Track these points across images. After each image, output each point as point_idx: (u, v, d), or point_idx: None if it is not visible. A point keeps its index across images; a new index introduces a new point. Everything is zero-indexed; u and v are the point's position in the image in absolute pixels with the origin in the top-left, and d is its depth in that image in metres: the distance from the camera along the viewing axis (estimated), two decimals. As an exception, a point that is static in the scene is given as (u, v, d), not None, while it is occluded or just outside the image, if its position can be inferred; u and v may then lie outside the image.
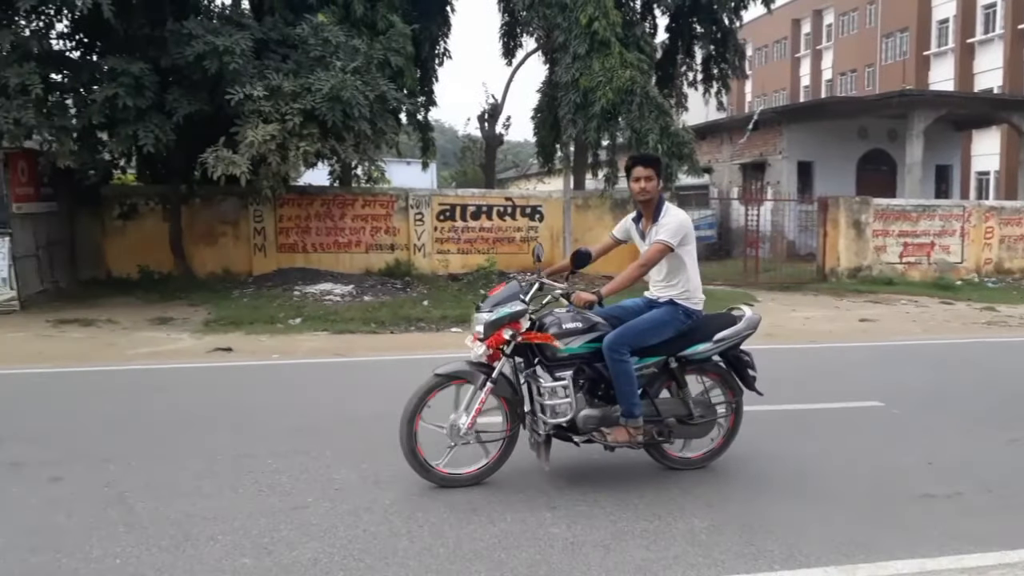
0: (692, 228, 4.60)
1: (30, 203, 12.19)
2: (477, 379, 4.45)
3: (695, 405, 4.68)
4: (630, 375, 4.38)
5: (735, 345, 4.70)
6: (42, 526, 3.92)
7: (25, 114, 10.22)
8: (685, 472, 4.78)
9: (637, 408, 4.44)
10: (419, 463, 4.43)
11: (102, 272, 14.45)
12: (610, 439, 4.50)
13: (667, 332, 4.54)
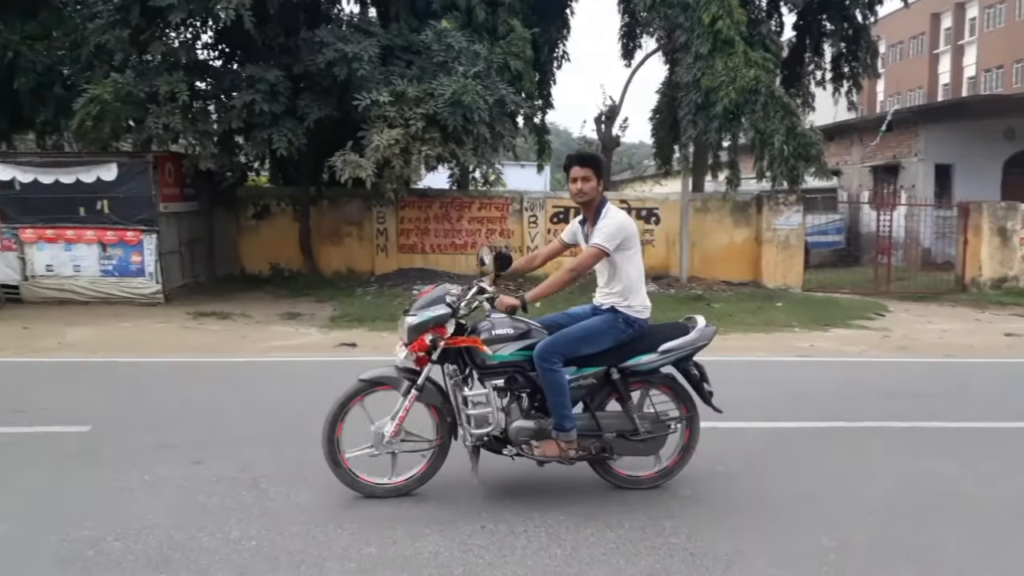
0: (634, 231, 4.33)
1: (175, 203, 13.09)
2: (401, 385, 4.31)
3: (641, 420, 4.39)
4: (561, 385, 4.15)
5: (685, 357, 4.37)
6: (184, 505, 4.20)
7: (173, 120, 11.01)
8: (820, 488, 4.58)
9: (568, 421, 4.20)
10: (342, 470, 4.29)
11: (237, 268, 15.35)
12: (537, 452, 4.28)
13: (604, 341, 4.26)
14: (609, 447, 4.36)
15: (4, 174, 11.84)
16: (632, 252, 4.32)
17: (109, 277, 12.28)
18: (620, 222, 4.27)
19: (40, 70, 12.99)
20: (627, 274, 4.30)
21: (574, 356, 4.22)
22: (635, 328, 4.31)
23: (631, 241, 4.29)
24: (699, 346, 4.36)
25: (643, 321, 4.34)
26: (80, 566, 3.50)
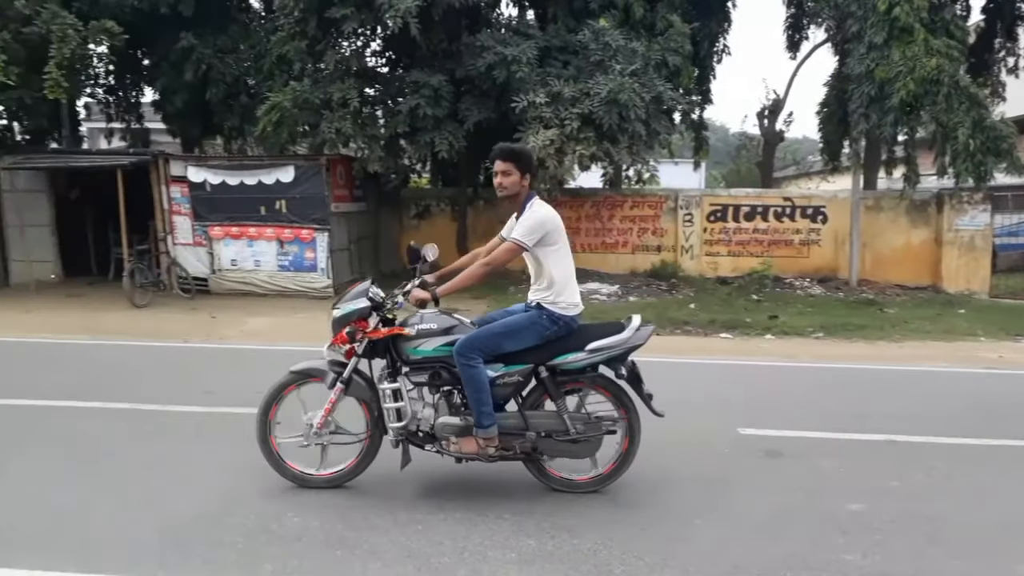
0: (557, 226, 4.17)
1: (345, 203, 13.88)
2: (328, 378, 4.31)
3: (573, 421, 4.23)
4: (479, 382, 4.04)
5: (616, 358, 4.16)
6: (359, 487, 4.43)
7: (344, 124, 11.70)
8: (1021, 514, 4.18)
9: (487, 418, 4.10)
10: (274, 458, 4.38)
11: (399, 265, 16.04)
12: (454, 448, 4.20)
13: (528, 338, 4.15)
14: (538, 447, 4.24)
15: (197, 176, 13.02)
16: (557, 248, 4.20)
17: (285, 272, 13.20)
18: (541, 217, 4.15)
19: (229, 81, 14.20)
20: (553, 270, 4.19)
21: (496, 353, 4.14)
22: (560, 325, 4.19)
23: (554, 236, 4.17)
24: (631, 346, 4.17)
25: (570, 318, 4.21)
26: (265, 538, 3.79)
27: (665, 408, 4.32)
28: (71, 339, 9.21)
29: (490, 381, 4.13)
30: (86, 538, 3.78)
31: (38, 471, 4.69)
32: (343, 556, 3.60)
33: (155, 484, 4.47)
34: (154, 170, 13.16)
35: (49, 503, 4.20)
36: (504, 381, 4.20)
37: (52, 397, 6.35)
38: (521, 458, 4.33)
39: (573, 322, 4.24)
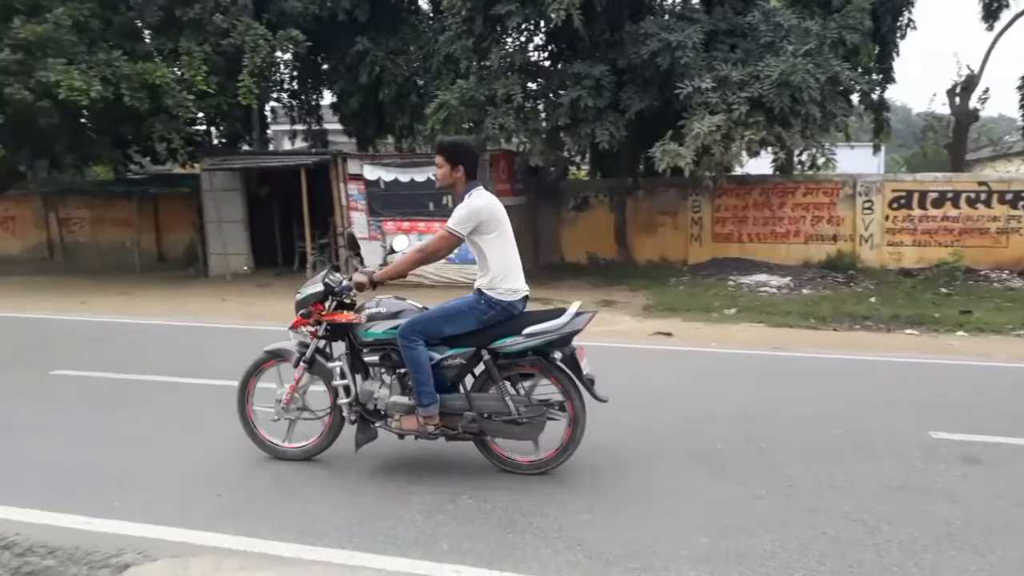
0: (494, 215, 4.31)
1: (506, 197, 14.14)
2: (292, 357, 4.68)
3: (515, 404, 4.36)
4: (419, 363, 4.26)
5: (555, 343, 4.28)
6: (524, 475, 4.51)
7: (507, 120, 11.93)
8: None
9: (427, 397, 4.30)
10: (251, 431, 4.82)
11: (557, 257, 16.19)
12: (395, 425, 4.46)
13: (467, 322, 4.34)
14: (483, 428, 4.39)
15: (372, 174, 13.75)
16: (494, 236, 4.33)
17: (451, 264, 13.62)
18: (473, 207, 4.29)
19: (400, 81, 14.89)
20: (491, 258, 4.34)
21: (438, 336, 4.34)
22: (497, 310, 4.32)
23: (489, 225, 4.30)
24: (567, 332, 4.27)
25: (507, 304, 4.32)
26: (441, 517, 3.95)
27: (849, 407, 4.09)
28: (260, 325, 10.01)
29: (435, 363, 4.35)
30: (282, 510, 4.11)
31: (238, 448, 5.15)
32: (514, 540, 3.69)
33: (338, 462, 4.78)
34: (333, 169, 14.04)
35: (250, 473, 4.61)
36: (448, 363, 4.40)
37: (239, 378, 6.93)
38: (466, 438, 4.49)
39: (512, 307, 4.36)
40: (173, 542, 3.70)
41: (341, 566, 3.46)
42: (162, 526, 3.86)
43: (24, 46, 11.95)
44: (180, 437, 5.35)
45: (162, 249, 18.46)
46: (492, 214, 4.35)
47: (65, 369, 7.23)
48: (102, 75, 12.13)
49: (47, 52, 12.00)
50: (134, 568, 3.45)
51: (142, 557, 3.54)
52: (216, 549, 3.63)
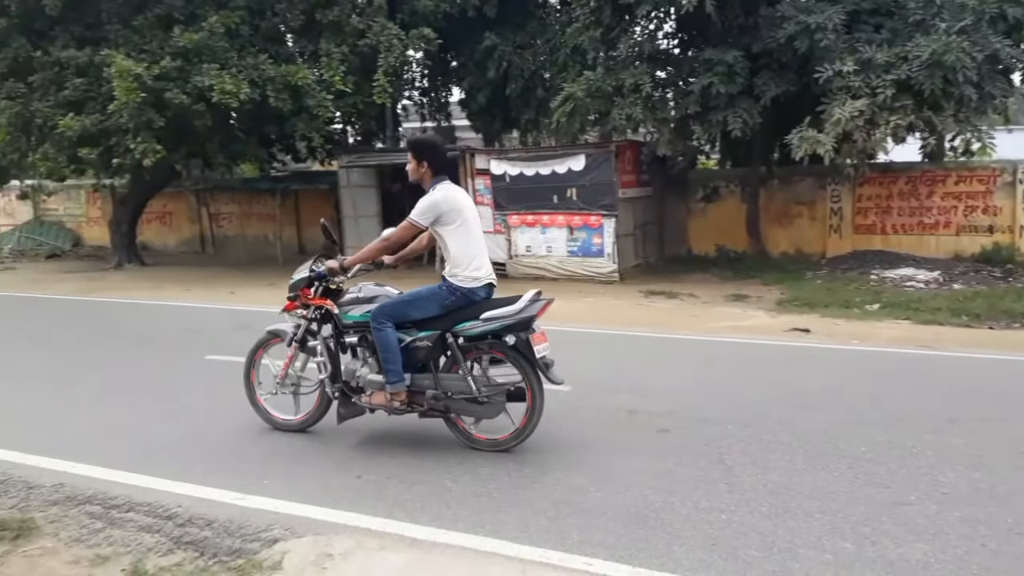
0: (454, 207, 4.60)
1: (631, 188, 13.98)
2: (287, 337, 5.14)
3: (477, 384, 4.64)
4: (387, 343, 4.63)
5: (512, 327, 4.55)
6: (655, 470, 4.46)
7: (635, 110, 11.76)
8: None
9: (394, 375, 4.66)
10: (256, 407, 5.34)
11: (684, 249, 15.83)
12: (364, 400, 4.87)
13: (430, 307, 4.68)
14: (446, 405, 4.73)
15: (498, 169, 13.93)
16: (454, 227, 4.63)
17: (574, 257, 13.65)
18: (433, 200, 4.60)
19: (526, 76, 14.99)
20: (451, 247, 4.65)
21: (405, 319, 4.72)
22: (458, 296, 4.64)
23: (449, 217, 4.59)
24: (523, 317, 4.53)
25: (467, 290, 4.64)
26: (571, 509, 3.96)
27: (1012, 412, 3.77)
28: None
29: (405, 345, 4.73)
30: (418, 493, 4.24)
31: (373, 431, 5.36)
32: (646, 536, 3.64)
33: (469, 450, 4.87)
34: (462, 164, 14.32)
35: (387, 457, 4.79)
36: (416, 345, 4.76)
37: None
38: (433, 415, 4.84)
39: (472, 294, 4.67)
40: (316, 520, 3.90)
41: (474, 551, 3.54)
42: (306, 504, 4.08)
43: (183, 53, 12.89)
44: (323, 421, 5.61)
45: (302, 242, 19.44)
46: (452, 206, 4.64)
47: (218, 354, 7.76)
48: (250, 78, 12.90)
49: (202, 58, 12.89)
50: (282, 543, 3.66)
51: (289, 533, 3.75)
52: (356, 528, 3.79)
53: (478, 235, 4.79)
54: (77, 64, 13.23)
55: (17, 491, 4.32)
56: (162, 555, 3.62)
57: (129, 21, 13.55)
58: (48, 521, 3.96)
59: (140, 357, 7.97)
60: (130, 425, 5.61)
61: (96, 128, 13.00)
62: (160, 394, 6.49)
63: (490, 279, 4.77)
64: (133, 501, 4.13)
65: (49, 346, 8.72)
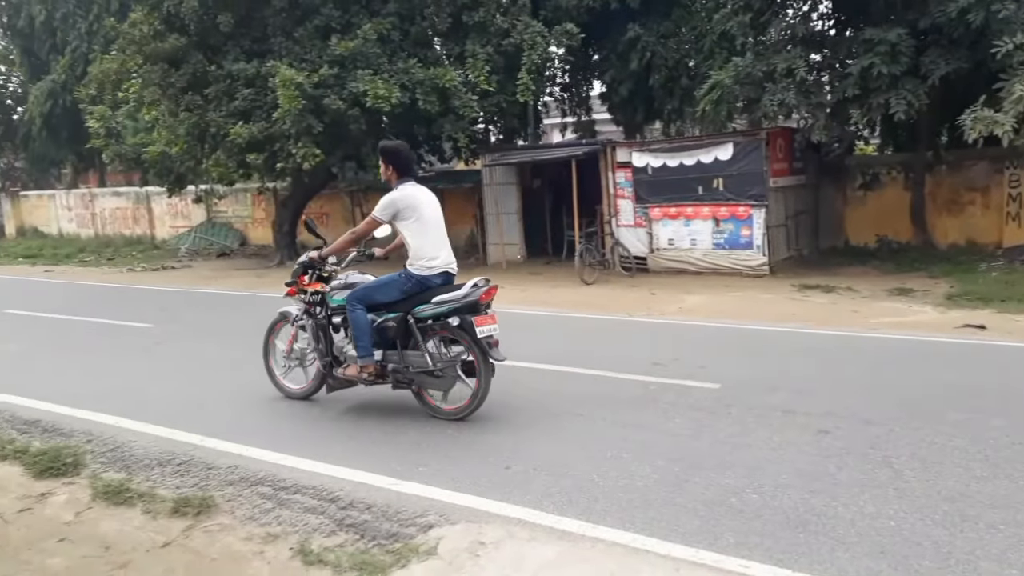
0: (411, 204, 5.27)
1: (783, 177, 13.36)
2: (291, 318, 6.03)
3: (433, 360, 5.28)
4: (358, 323, 5.31)
5: (460, 309, 5.16)
6: (815, 472, 4.25)
7: (787, 95, 11.22)
8: None
9: (363, 351, 5.33)
10: (273, 380, 6.27)
11: (840, 241, 14.95)
12: (339, 372, 5.62)
13: (392, 292, 5.38)
14: (409, 378, 5.45)
15: (640, 161, 13.73)
16: (411, 222, 5.33)
17: (720, 250, 13.23)
18: (392, 198, 5.32)
19: (670, 65, 14.68)
20: (408, 240, 5.39)
21: (372, 303, 5.42)
22: (414, 283, 5.33)
23: (405, 213, 5.31)
24: (467, 301, 5.20)
25: (422, 277, 5.32)
26: (724, 510, 3.84)
27: None
28: (534, 310, 10.48)
29: (376, 325, 5.41)
30: (565, 486, 4.26)
31: (520, 422, 5.43)
32: (806, 540, 3.47)
33: (616, 444, 4.84)
34: (603, 158, 14.24)
35: (534, 448, 4.84)
36: (384, 325, 5.44)
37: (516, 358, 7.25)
38: (401, 387, 5.56)
39: (427, 280, 5.35)
40: (468, 508, 4.01)
41: (625, 547, 3.51)
42: (458, 492, 4.19)
43: (339, 61, 13.60)
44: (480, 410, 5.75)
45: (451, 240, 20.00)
46: (408, 204, 5.33)
47: (372, 346, 8.14)
48: (400, 82, 13.42)
49: (356, 65, 13.54)
50: (436, 529, 3.79)
51: (443, 519, 3.87)
52: (506, 518, 3.86)
53: (436, 230, 5.44)
54: (246, 76, 14.24)
55: (198, 471, 4.71)
56: (326, 536, 3.84)
57: (291, 33, 14.42)
58: (225, 500, 4.29)
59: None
60: (294, 412, 5.99)
61: (262, 135, 13.96)
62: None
63: (446, 268, 5.43)
64: (299, 484, 4.40)
65: (224, 337, 9.47)
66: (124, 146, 19.84)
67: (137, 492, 4.40)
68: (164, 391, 6.73)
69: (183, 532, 3.95)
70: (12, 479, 4.72)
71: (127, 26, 15.40)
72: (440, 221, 5.51)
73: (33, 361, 8.29)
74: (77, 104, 23.82)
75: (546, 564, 3.40)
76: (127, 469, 4.80)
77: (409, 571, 3.42)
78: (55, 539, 3.91)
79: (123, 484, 4.50)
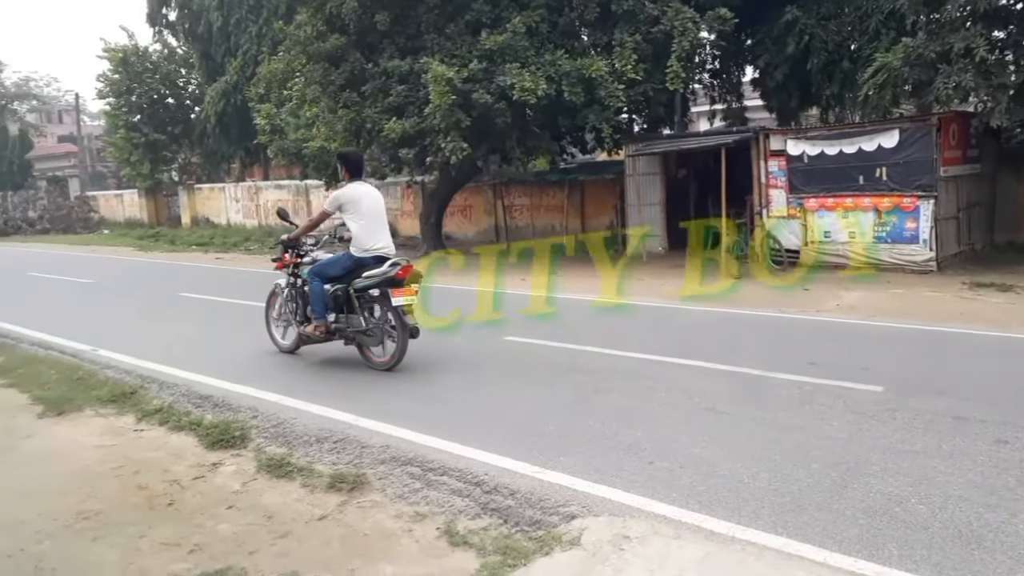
0: (352, 199, 6.74)
1: (955, 166, 12.31)
2: (279, 288, 7.62)
3: (367, 322, 6.84)
4: (315, 292, 6.89)
5: (377, 284, 6.66)
6: (991, 485, 3.90)
7: (964, 77, 10.29)
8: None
9: (317, 314, 6.93)
10: (271, 336, 7.85)
11: (1019, 236, 13.60)
12: (301, 329, 7.25)
13: (336, 269, 6.92)
14: (350, 335, 6.96)
15: (795, 149, 13.07)
16: (350, 215, 6.75)
17: (882, 243, 12.39)
18: (336, 195, 6.90)
19: (830, 48, 13.83)
20: (351, 227, 6.80)
21: (326, 276, 6.86)
22: (352, 262, 6.81)
23: (348, 207, 6.73)
24: (387, 276, 6.62)
25: (359, 258, 6.78)
26: (886, 519, 3.60)
27: None
28: (677, 304, 10.23)
29: (330, 294, 6.84)
30: (712, 485, 4.13)
31: (661, 418, 5.33)
32: (982, 557, 3.20)
33: (766, 445, 4.64)
34: (754, 146, 13.68)
35: (682, 445, 4.74)
36: (332, 295, 6.86)
37: (660, 353, 7.16)
38: (349, 344, 7.10)
39: (362, 260, 6.76)
40: (611, 500, 3.97)
41: (777, 552, 3.36)
42: (601, 485, 4.17)
43: (488, 56, 13.83)
44: (614, 405, 5.71)
45: (586, 231, 19.93)
46: (350, 199, 6.73)
47: (517, 336, 8.24)
48: (547, 74, 13.46)
49: (505, 58, 13.72)
50: (579, 520, 3.78)
51: (586, 511, 3.86)
52: (651, 514, 3.79)
53: (373, 220, 6.82)
54: (400, 72, 14.77)
55: (352, 449, 4.95)
56: (471, 518, 3.93)
57: (443, 29, 14.80)
58: (377, 478, 4.49)
59: (444, 335, 8.70)
60: (441, 397, 6.16)
61: (414, 130, 14.44)
62: (462, 369, 7.07)
63: (379, 252, 6.78)
64: (446, 466, 4.52)
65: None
66: (287, 141, 21.19)
67: (297, 466, 4.69)
68: (319, 373, 7.15)
69: (338, 507, 4.16)
70: (188, 448, 5.15)
71: (293, 28, 16.39)
72: (379, 213, 6.91)
73: (205, 341, 9.02)
74: (246, 103, 25.74)
75: (693, 563, 3.31)
76: (288, 444, 5.12)
77: (552, 559, 3.43)
78: (224, 506, 4.23)
79: (284, 458, 4.81)
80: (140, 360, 7.54)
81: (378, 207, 6.88)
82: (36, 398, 6.36)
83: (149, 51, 31.34)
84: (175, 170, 34.39)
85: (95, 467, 4.84)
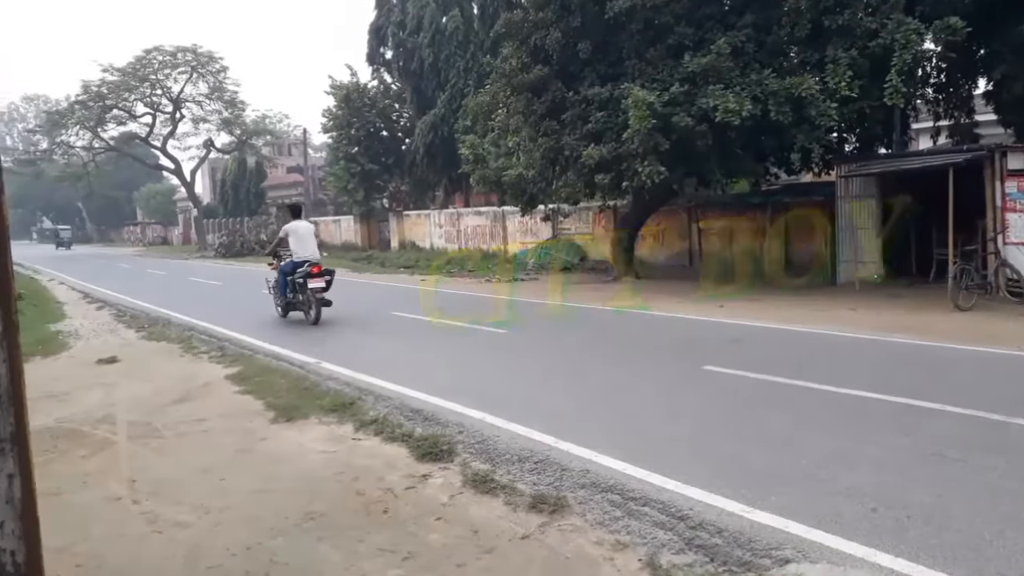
0: (291, 231, 12.36)
1: None
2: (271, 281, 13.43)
3: (304, 298, 12.08)
4: (280, 282, 12.50)
5: (302, 276, 11.96)
6: None
7: None
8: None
9: (281, 293, 12.54)
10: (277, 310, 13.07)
11: None
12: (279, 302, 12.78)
13: (289, 268, 12.14)
14: (297, 307, 12.46)
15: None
16: (292, 237, 12.27)
17: None
18: (284, 227, 12.82)
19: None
20: (290, 246, 12.27)
21: (285, 272, 12.32)
22: (291, 265, 12.14)
23: (291, 233, 12.34)
24: (305, 271, 11.90)
25: (294, 262, 12.08)
26: None
27: None
28: (893, 337, 9.38)
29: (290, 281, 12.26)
30: (946, 539, 3.73)
31: (882, 461, 4.89)
32: None
33: (1012, 501, 4.12)
34: (988, 165, 12.35)
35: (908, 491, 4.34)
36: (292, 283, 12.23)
37: (873, 390, 6.59)
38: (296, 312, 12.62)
39: (296, 263, 12.06)
40: (829, 547, 3.72)
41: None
42: (817, 529, 3.90)
43: (690, 78, 13.64)
44: (826, 444, 5.34)
45: (789, 257, 18.90)
46: (291, 231, 12.36)
47: (714, 365, 7.97)
48: (752, 94, 13.01)
49: (708, 80, 13.45)
50: (794, 565, 3.56)
51: (801, 556, 3.63)
52: (876, 566, 3.50)
53: (305, 241, 12.28)
54: (600, 99, 14.93)
55: (553, 471, 4.99)
56: (675, 553, 3.82)
57: (644, 54, 14.79)
58: (577, 502, 4.49)
59: (641, 361, 8.60)
60: (638, 423, 6.09)
61: (611, 156, 14.52)
62: (661, 397, 6.93)
63: (306, 259, 12.00)
64: (648, 497, 4.44)
65: (562, 347, 10.01)
66: (488, 170, 22.08)
67: (500, 484, 4.81)
68: (519, 392, 7.30)
69: (539, 527, 4.21)
70: (400, 459, 5.45)
71: (499, 61, 17.13)
72: (309, 236, 12.53)
73: (417, 358, 9.56)
74: (453, 134, 27.19)
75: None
76: (491, 461, 5.27)
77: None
78: (433, 517, 4.41)
79: (488, 475, 4.95)
80: (357, 373, 8.13)
81: (308, 232, 12.57)
82: (269, 404, 7.03)
83: (368, 87, 34.07)
84: (386, 197, 36.97)
85: (319, 471, 5.26)
